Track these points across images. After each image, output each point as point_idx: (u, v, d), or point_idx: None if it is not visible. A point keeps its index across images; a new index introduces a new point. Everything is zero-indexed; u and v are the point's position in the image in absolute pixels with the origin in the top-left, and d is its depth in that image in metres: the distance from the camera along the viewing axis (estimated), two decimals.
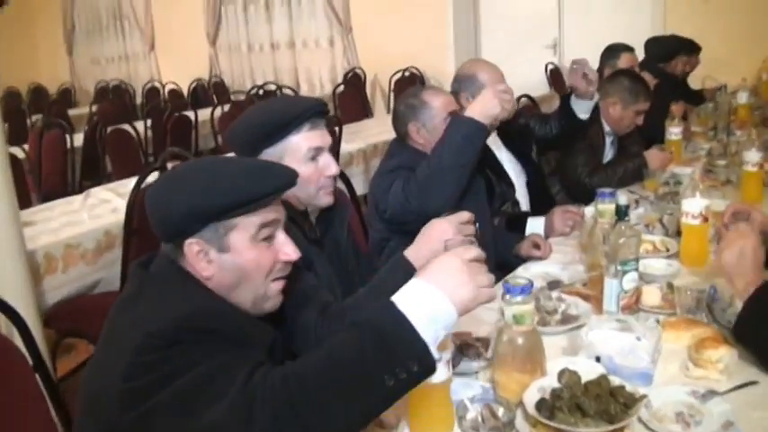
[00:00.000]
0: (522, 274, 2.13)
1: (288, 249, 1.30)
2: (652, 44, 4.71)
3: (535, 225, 2.56)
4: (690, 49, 4.74)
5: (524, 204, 2.86)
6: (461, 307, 1.12)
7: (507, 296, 1.37)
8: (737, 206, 1.91)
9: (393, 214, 2.19)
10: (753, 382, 1.44)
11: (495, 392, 1.44)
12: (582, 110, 2.83)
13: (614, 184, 2.87)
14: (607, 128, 3.28)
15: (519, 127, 2.99)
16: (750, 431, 1.29)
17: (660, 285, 1.92)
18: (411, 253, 1.63)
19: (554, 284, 2.05)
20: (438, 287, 1.10)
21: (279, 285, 1.32)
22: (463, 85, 2.69)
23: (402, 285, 1.13)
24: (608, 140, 3.30)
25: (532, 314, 1.40)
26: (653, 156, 3.16)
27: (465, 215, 1.66)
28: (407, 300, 1.09)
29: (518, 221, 2.60)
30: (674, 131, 3.48)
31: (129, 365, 1.07)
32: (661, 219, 2.47)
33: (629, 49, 3.84)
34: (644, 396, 1.30)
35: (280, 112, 1.65)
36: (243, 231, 1.24)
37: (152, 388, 1.04)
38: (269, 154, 1.63)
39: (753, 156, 2.67)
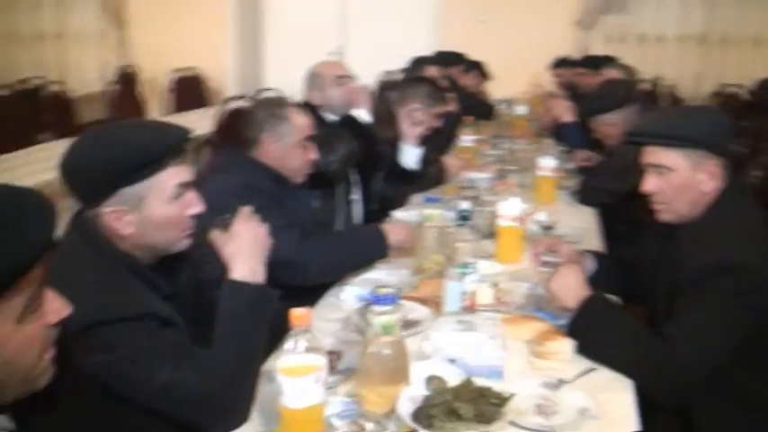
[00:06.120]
0: (350, 281, 2.10)
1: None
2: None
3: None
4: (469, 64, 5.07)
5: None
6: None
7: (374, 306, 1.34)
8: (551, 241, 2.10)
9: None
10: (592, 369, 1.56)
11: (359, 407, 1.40)
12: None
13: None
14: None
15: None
16: (601, 413, 1.39)
17: (489, 285, 2.01)
18: None
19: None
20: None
21: None
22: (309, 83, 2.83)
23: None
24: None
25: (399, 323, 1.38)
26: (451, 162, 3.34)
27: None
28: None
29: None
30: (467, 139, 3.72)
31: None
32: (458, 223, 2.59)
33: (436, 61, 4.03)
34: (512, 395, 1.33)
35: (145, 144, 1.39)
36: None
37: None
38: (127, 194, 1.37)
39: (548, 162, 2.93)
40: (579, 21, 6.66)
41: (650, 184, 1.71)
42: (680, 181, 1.65)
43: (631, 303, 1.97)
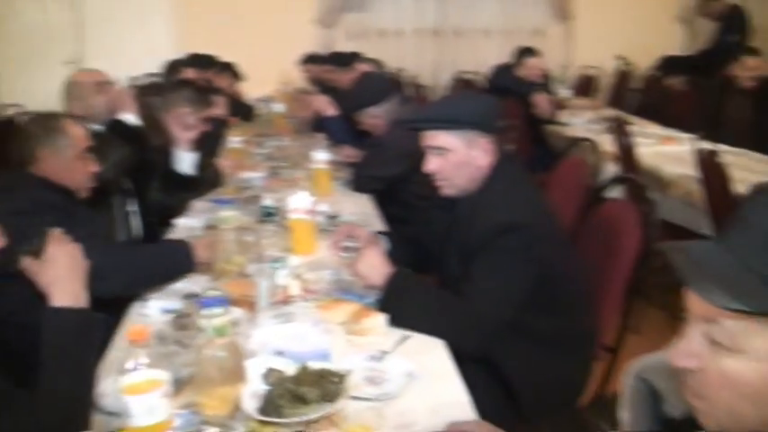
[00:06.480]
0: (156, 292, 2.04)
1: None
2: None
3: None
4: (221, 65, 5.05)
5: None
6: None
7: (205, 310, 1.34)
8: (348, 228, 2.23)
9: None
10: (407, 337, 1.70)
11: (198, 415, 1.38)
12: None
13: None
14: None
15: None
16: (425, 373, 1.54)
17: (293, 277, 2.07)
18: None
19: (192, 296, 2.02)
20: None
21: None
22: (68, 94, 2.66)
23: None
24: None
25: (231, 324, 1.39)
26: (224, 164, 3.34)
27: None
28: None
29: None
30: (234, 140, 3.73)
31: None
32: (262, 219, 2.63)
33: (192, 64, 3.94)
34: (350, 371, 1.42)
35: None
36: None
37: None
38: None
39: (321, 155, 3.05)
40: (320, 19, 6.91)
41: (431, 164, 1.89)
42: (458, 159, 1.85)
43: (423, 274, 2.16)
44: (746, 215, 0.81)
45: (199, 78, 3.96)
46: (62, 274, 1.36)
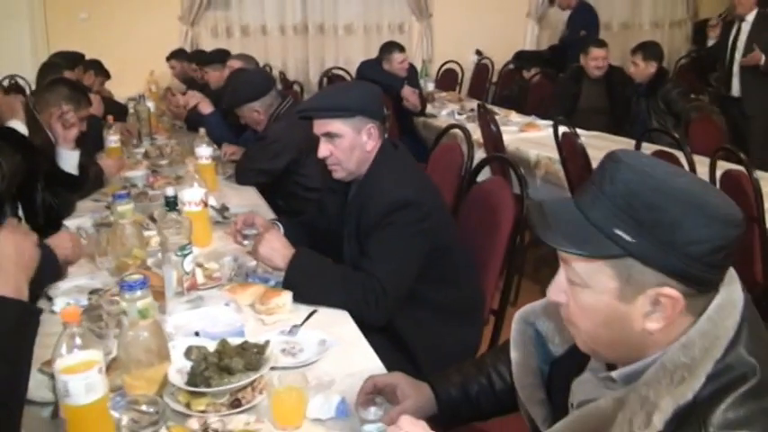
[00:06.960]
0: (55, 292, 2.03)
1: None
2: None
3: None
4: (87, 63, 4.90)
5: None
6: None
7: (127, 294, 1.40)
8: (246, 216, 2.32)
9: None
10: (315, 311, 1.83)
11: (125, 397, 1.44)
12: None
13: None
14: None
15: None
16: (337, 341, 1.67)
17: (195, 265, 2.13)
18: None
19: (97, 292, 2.03)
20: None
21: None
22: None
23: None
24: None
25: (153, 305, 1.45)
26: (107, 164, 3.31)
27: None
28: None
29: None
30: (112, 139, 3.67)
31: None
32: (152, 215, 2.65)
33: (61, 63, 3.81)
34: (268, 341, 1.52)
35: None
36: None
37: None
38: None
39: (204, 151, 3.08)
40: (182, 17, 6.80)
41: (324, 150, 2.02)
42: (348, 144, 1.99)
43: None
44: (596, 178, 1.00)
45: (71, 76, 3.86)
46: (6, 263, 1.33)
